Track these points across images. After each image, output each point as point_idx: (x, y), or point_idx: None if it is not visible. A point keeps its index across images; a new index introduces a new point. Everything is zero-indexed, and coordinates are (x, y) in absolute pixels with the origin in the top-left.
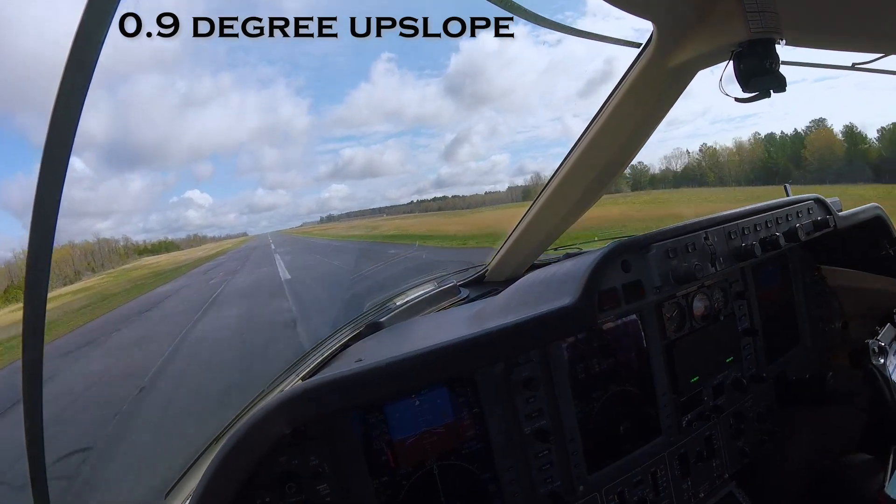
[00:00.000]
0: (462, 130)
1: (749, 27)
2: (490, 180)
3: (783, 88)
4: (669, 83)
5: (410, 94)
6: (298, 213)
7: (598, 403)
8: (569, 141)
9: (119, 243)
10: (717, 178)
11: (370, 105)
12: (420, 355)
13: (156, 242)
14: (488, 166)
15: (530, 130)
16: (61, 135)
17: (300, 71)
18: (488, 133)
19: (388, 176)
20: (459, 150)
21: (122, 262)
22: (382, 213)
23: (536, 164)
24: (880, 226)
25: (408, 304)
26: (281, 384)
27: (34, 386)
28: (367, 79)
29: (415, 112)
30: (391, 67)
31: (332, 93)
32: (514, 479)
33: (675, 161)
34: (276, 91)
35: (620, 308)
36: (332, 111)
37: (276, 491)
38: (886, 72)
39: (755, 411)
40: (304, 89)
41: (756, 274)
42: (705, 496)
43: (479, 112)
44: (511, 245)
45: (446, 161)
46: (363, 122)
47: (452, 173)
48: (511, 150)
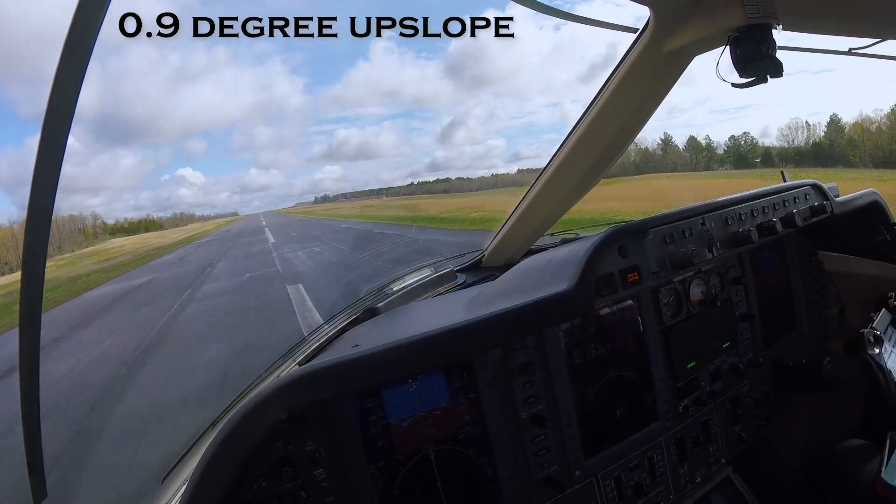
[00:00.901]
0: (459, 113)
1: (746, 12)
2: (485, 164)
3: (780, 74)
4: (666, 69)
5: (409, 73)
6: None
7: (594, 388)
8: (566, 127)
9: (87, 221)
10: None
11: (368, 84)
12: (417, 341)
13: (136, 221)
14: (484, 150)
15: (525, 116)
16: (58, 121)
17: (296, 49)
18: (486, 117)
19: (383, 158)
20: (456, 133)
21: (87, 243)
22: (381, 195)
23: (532, 149)
24: (877, 211)
25: (405, 289)
26: (277, 369)
27: (31, 371)
28: (365, 57)
29: (413, 92)
30: (390, 46)
31: (328, 72)
32: (511, 463)
33: (795, 135)
34: (272, 68)
35: (617, 293)
36: (329, 91)
37: (272, 476)
38: (883, 56)
39: (752, 396)
40: (300, 67)
41: (753, 259)
42: (702, 481)
43: (476, 95)
44: (508, 230)
45: (442, 144)
46: (359, 102)
47: (448, 157)
48: (507, 136)
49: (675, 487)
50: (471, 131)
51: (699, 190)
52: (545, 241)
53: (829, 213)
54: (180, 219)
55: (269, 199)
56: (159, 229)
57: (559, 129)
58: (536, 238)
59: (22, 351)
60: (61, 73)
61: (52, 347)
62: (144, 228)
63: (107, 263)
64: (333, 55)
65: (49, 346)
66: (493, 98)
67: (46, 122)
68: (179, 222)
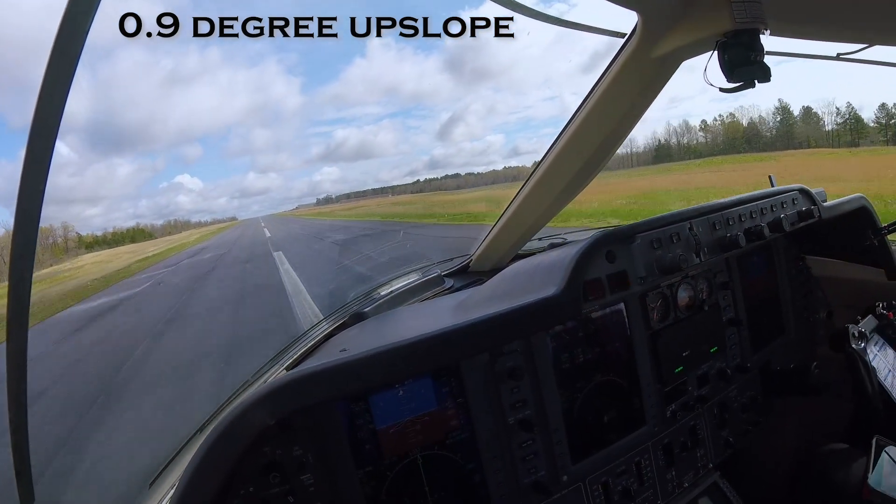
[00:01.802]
0: (458, 109)
1: (734, 17)
2: (483, 161)
3: (768, 79)
4: (654, 74)
5: (407, 69)
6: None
7: (582, 393)
8: (565, 121)
9: (58, 233)
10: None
11: (365, 81)
12: (404, 346)
13: (123, 231)
14: (483, 146)
15: (522, 111)
16: (45, 126)
17: (291, 49)
18: (484, 112)
19: (382, 157)
20: (455, 129)
21: (54, 261)
22: (387, 193)
23: (531, 144)
24: (865, 216)
25: (392, 294)
26: (265, 374)
27: (19, 376)
28: (362, 54)
29: (412, 89)
30: (388, 42)
31: (324, 71)
32: (499, 468)
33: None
34: (267, 68)
35: (605, 298)
36: (326, 90)
37: (259, 481)
38: (870, 62)
39: (740, 401)
40: (296, 67)
41: (741, 264)
42: (689, 486)
43: (475, 90)
44: (495, 235)
45: (441, 141)
46: (357, 100)
47: (447, 154)
48: (505, 131)
49: (663, 492)
50: (470, 127)
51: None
52: (533, 246)
53: (817, 217)
54: (174, 226)
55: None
56: (149, 238)
57: (558, 122)
58: (524, 243)
59: (9, 355)
60: (49, 79)
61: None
62: (131, 238)
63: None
64: (329, 54)
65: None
66: (492, 93)
67: (34, 125)
68: (173, 230)
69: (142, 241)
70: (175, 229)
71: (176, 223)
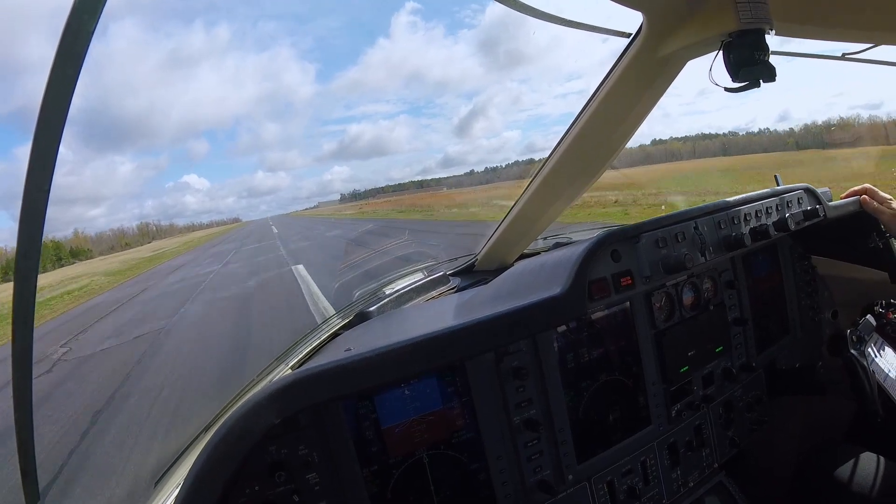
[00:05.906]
0: (479, 102)
1: (739, 17)
2: (499, 158)
3: (773, 78)
4: (658, 74)
5: (434, 54)
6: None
7: (587, 393)
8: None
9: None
10: None
11: (388, 66)
12: (410, 345)
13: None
14: (499, 143)
15: (533, 108)
16: (50, 127)
17: (307, 32)
18: (507, 104)
19: (396, 154)
20: (474, 123)
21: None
22: (431, 187)
23: (546, 140)
24: (869, 217)
25: (397, 293)
26: (270, 374)
27: (24, 376)
28: (386, 34)
29: (437, 76)
30: (414, 20)
31: (343, 58)
32: (504, 468)
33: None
34: (279, 52)
35: (610, 297)
36: (343, 77)
37: (265, 479)
38: (876, 62)
39: (745, 401)
40: (310, 52)
41: (746, 263)
42: (695, 485)
43: (499, 81)
44: (500, 234)
45: (459, 137)
46: (377, 89)
47: (462, 151)
48: (521, 128)
49: (668, 492)
50: (489, 120)
51: None
52: (538, 245)
53: (822, 217)
54: (157, 231)
55: (276, 203)
56: (86, 256)
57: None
58: (529, 242)
59: (14, 355)
60: (53, 79)
61: None
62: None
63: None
64: (348, 38)
65: None
66: (516, 84)
67: (39, 126)
68: (157, 235)
69: (83, 258)
70: (160, 234)
71: (159, 228)
